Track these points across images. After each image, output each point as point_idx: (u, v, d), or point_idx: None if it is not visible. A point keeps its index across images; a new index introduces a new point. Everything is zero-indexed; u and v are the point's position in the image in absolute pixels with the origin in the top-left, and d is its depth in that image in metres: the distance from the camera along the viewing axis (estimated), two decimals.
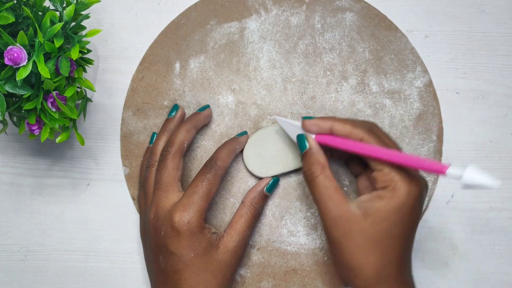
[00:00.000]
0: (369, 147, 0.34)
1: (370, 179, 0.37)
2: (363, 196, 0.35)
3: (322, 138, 0.37)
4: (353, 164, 0.40)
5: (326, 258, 0.42)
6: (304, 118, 0.38)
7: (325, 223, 0.35)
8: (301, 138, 0.37)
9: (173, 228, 0.37)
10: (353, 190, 0.43)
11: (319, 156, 0.36)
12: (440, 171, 0.30)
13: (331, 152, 0.39)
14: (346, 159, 0.41)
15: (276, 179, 0.42)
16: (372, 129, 0.35)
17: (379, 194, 0.34)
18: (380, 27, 0.45)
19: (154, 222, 0.38)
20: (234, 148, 0.41)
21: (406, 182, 0.33)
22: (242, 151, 0.43)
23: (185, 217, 0.37)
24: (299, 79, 0.45)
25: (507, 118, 0.44)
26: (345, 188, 0.43)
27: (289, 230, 0.43)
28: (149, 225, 0.39)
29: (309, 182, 0.36)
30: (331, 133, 0.36)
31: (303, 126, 0.37)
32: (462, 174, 0.29)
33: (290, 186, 0.43)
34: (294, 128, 0.39)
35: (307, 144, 0.37)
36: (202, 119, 0.43)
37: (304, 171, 0.37)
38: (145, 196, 0.41)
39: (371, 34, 0.45)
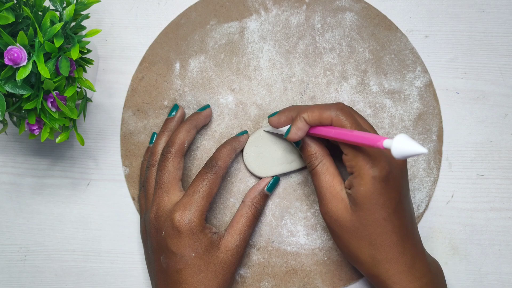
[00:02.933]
0: (328, 130, 0.34)
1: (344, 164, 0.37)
2: (345, 183, 0.35)
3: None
4: None
5: (326, 258, 0.42)
6: (270, 117, 0.40)
7: (320, 211, 0.37)
8: None
9: (174, 227, 0.37)
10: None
11: (315, 147, 0.37)
12: (377, 146, 0.29)
13: None
14: None
15: (276, 179, 0.42)
16: (342, 108, 0.35)
17: (350, 181, 0.34)
18: (380, 27, 0.45)
19: (155, 222, 0.38)
20: (235, 147, 0.41)
21: (369, 166, 0.33)
22: (242, 150, 0.43)
23: (186, 216, 0.37)
24: (299, 79, 0.45)
25: (507, 118, 0.44)
26: None
27: (289, 230, 0.43)
28: (150, 225, 0.39)
29: (310, 172, 0.37)
30: (308, 126, 0.36)
31: (291, 141, 0.37)
32: (390, 147, 0.28)
33: (290, 186, 0.43)
34: (279, 131, 0.40)
35: (300, 140, 0.38)
36: (202, 119, 0.43)
37: (305, 163, 0.38)
38: (145, 196, 0.41)
39: (371, 34, 0.45)
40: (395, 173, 0.34)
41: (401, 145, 0.27)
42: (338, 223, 0.35)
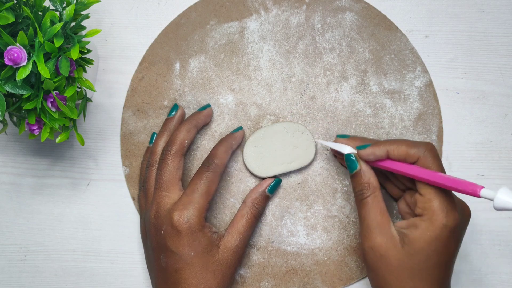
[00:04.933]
0: (415, 169, 0.34)
1: (409, 203, 0.37)
2: (402, 222, 0.35)
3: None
4: (392, 187, 0.40)
5: (326, 258, 0.42)
6: (340, 137, 0.40)
7: (364, 244, 0.36)
8: (350, 159, 0.37)
9: (173, 226, 0.37)
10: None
11: (370, 177, 0.36)
12: (474, 194, 0.29)
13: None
14: (385, 179, 0.41)
15: (278, 180, 0.42)
16: (431, 149, 0.34)
17: (415, 223, 0.34)
18: (380, 27, 0.45)
19: (155, 221, 0.38)
20: (231, 144, 0.41)
21: (444, 213, 0.33)
22: (242, 150, 0.43)
23: (185, 215, 0.37)
24: (299, 79, 0.45)
25: (507, 118, 0.44)
26: (345, 188, 0.43)
27: (289, 230, 0.43)
28: (150, 224, 0.39)
29: (358, 201, 0.36)
30: (387, 158, 0.36)
31: (360, 157, 0.37)
32: (494, 198, 0.28)
33: (290, 186, 0.43)
34: (338, 147, 0.39)
35: (358, 165, 0.37)
36: (203, 119, 0.43)
37: (354, 190, 0.37)
38: (145, 196, 0.41)
39: (371, 34, 0.45)
40: (461, 225, 0.34)
41: (506, 197, 0.27)
42: (384, 260, 0.34)
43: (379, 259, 0.34)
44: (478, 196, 0.29)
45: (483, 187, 0.29)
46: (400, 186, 0.39)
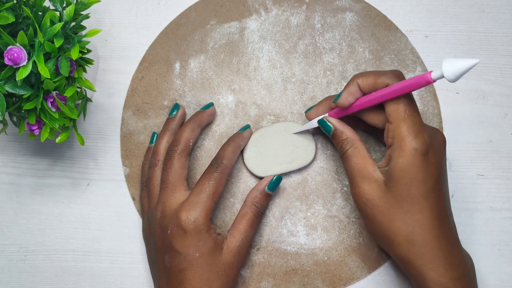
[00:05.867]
0: (377, 92, 0.34)
1: (385, 137, 0.37)
2: (382, 162, 0.35)
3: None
4: (381, 134, 0.40)
5: (326, 258, 0.42)
6: (307, 111, 0.41)
7: (351, 193, 0.36)
8: (323, 123, 0.38)
9: (180, 227, 0.37)
10: None
11: (346, 132, 0.37)
12: (427, 81, 0.30)
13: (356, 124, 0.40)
14: (374, 131, 0.41)
15: (278, 177, 0.42)
16: (399, 75, 0.34)
17: (389, 154, 0.34)
18: (380, 27, 0.45)
19: (160, 221, 0.38)
20: (239, 144, 0.41)
21: (412, 136, 0.32)
22: (242, 150, 0.43)
23: (192, 216, 0.37)
24: (299, 79, 0.45)
25: (507, 118, 0.44)
26: (345, 188, 0.43)
27: (289, 230, 0.43)
28: (155, 224, 0.39)
29: (341, 157, 0.37)
30: (361, 93, 0.36)
31: (341, 105, 0.36)
32: (442, 72, 0.28)
33: (290, 186, 0.43)
34: (309, 125, 0.40)
35: (331, 126, 0.38)
36: (206, 118, 0.43)
37: (337, 149, 0.38)
38: (148, 196, 0.41)
39: (371, 34, 0.45)
40: (435, 148, 0.33)
41: (452, 65, 0.27)
42: (370, 203, 0.34)
43: (366, 203, 0.35)
44: (432, 81, 0.29)
45: (431, 71, 0.29)
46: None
